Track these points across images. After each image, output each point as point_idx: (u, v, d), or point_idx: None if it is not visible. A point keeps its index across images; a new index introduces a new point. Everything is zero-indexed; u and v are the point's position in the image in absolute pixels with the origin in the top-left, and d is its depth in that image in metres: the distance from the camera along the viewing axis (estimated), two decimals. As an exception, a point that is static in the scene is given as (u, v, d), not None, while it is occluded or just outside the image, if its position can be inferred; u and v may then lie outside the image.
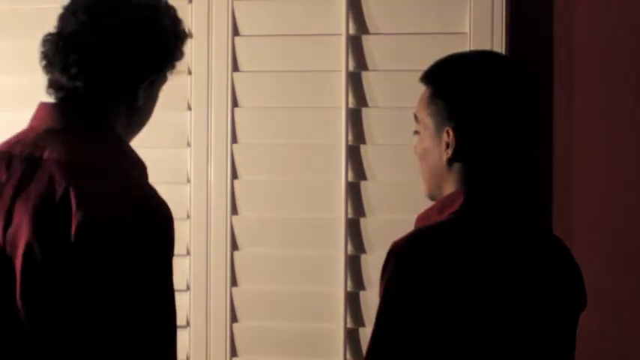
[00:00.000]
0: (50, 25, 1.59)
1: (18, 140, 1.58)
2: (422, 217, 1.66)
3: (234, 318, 2.28)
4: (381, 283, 1.58)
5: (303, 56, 2.27)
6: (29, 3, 2.37)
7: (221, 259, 2.27)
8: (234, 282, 2.28)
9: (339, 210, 2.21)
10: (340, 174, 2.22)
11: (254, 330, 2.27)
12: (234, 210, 2.29)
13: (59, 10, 1.60)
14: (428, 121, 1.65)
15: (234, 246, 2.28)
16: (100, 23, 1.56)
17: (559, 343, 1.63)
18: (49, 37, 1.58)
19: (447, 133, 1.61)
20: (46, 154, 1.53)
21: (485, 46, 2.13)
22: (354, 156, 2.24)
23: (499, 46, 2.13)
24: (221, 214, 2.27)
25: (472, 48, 2.14)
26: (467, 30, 2.17)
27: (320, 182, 2.25)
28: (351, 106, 2.23)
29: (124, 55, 1.56)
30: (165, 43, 1.62)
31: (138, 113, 1.64)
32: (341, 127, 2.22)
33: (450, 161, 1.61)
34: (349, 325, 2.20)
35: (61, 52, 1.56)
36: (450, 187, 1.63)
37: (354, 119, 2.24)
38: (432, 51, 1.84)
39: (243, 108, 2.28)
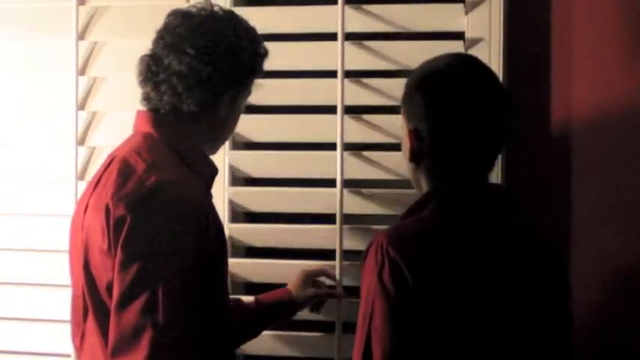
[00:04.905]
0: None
1: (123, 144, 1.81)
2: (403, 216, 1.72)
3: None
4: (362, 278, 1.64)
5: (300, 56, 2.26)
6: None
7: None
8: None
9: (335, 211, 2.21)
10: (336, 174, 2.21)
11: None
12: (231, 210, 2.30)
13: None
14: (402, 121, 1.74)
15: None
16: (183, 45, 1.75)
17: (543, 334, 1.67)
18: (144, 58, 1.80)
19: (407, 134, 1.70)
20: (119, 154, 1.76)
21: (484, 45, 2.14)
22: (349, 156, 2.23)
23: (496, 46, 2.14)
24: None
25: (468, 48, 2.14)
26: (464, 30, 2.17)
27: (317, 183, 2.25)
28: (347, 106, 2.23)
29: (205, 74, 1.74)
30: (243, 61, 1.79)
31: (221, 124, 1.82)
32: (337, 128, 2.21)
33: (411, 161, 1.70)
34: (345, 319, 2.21)
35: (152, 71, 1.77)
36: (425, 184, 1.71)
37: (351, 120, 2.23)
38: (428, 51, 1.86)
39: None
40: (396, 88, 1.86)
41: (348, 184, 2.21)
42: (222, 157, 2.23)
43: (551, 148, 2.16)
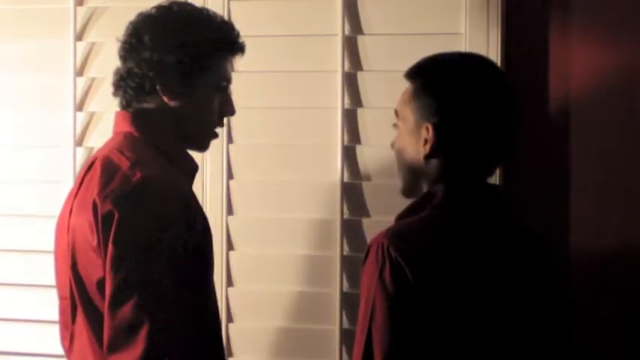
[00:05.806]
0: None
1: (104, 145, 1.81)
2: (401, 215, 1.71)
3: (229, 318, 2.28)
4: (362, 279, 1.63)
5: (299, 57, 2.27)
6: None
7: (217, 260, 2.24)
8: (229, 282, 2.28)
9: (334, 211, 2.22)
10: (336, 174, 2.22)
11: (250, 330, 2.28)
12: (229, 210, 2.29)
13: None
14: (409, 116, 1.69)
15: (230, 246, 2.29)
16: (126, 54, 1.78)
17: (541, 331, 1.68)
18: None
19: (427, 129, 1.65)
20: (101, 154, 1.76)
21: (481, 46, 2.14)
22: (349, 156, 2.24)
23: (494, 46, 2.14)
24: (217, 214, 2.27)
25: (467, 48, 2.15)
26: (462, 30, 2.17)
27: (316, 182, 2.25)
28: (346, 106, 2.23)
29: (135, 61, 1.75)
30: (177, 48, 1.74)
31: (189, 112, 1.78)
32: (337, 128, 2.22)
33: (427, 158, 1.66)
34: (345, 326, 2.21)
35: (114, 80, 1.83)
36: (427, 184, 1.69)
37: (350, 119, 2.24)
38: (428, 51, 1.85)
39: (239, 108, 2.28)
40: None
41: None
42: (221, 150, 2.26)
43: (550, 142, 2.16)
